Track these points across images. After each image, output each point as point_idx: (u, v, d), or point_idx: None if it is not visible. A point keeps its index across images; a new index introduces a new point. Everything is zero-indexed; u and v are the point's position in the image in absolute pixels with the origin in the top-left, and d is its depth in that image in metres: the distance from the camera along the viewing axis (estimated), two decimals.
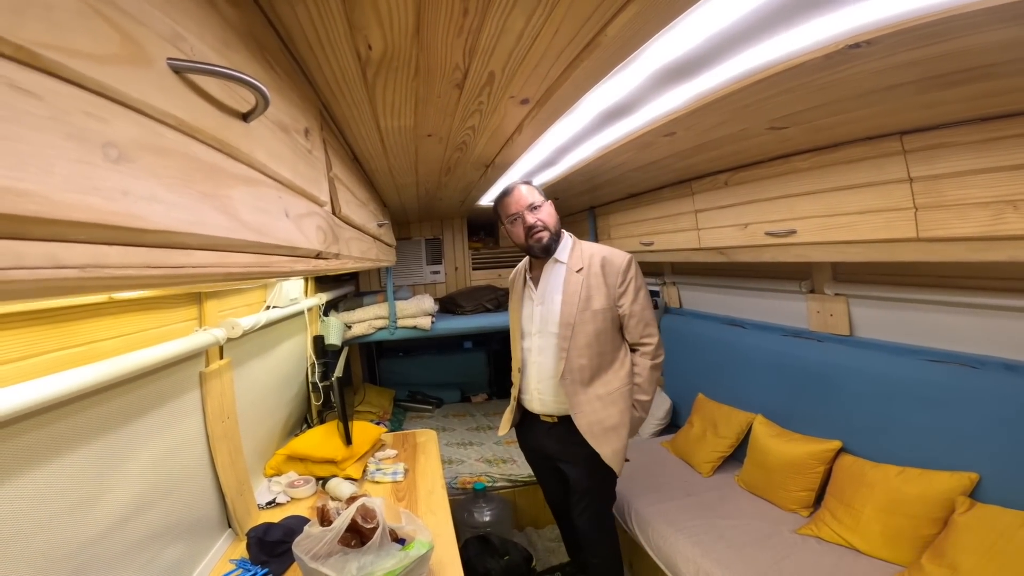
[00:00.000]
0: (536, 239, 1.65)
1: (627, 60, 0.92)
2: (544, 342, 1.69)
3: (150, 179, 0.29)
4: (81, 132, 0.25)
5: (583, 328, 1.62)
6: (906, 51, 0.85)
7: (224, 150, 0.41)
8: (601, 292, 1.64)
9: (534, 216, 1.64)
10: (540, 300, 1.71)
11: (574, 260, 1.68)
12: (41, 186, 0.21)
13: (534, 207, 1.65)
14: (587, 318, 1.62)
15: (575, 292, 1.64)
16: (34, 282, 0.21)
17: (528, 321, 1.75)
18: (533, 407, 1.76)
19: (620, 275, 1.66)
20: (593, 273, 1.66)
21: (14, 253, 0.20)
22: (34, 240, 0.21)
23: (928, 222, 1.27)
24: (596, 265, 1.66)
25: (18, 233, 0.20)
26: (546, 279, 1.72)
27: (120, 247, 0.26)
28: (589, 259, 1.68)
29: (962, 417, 1.49)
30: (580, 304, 1.62)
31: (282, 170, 0.55)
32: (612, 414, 1.62)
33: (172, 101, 0.35)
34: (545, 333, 1.69)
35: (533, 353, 1.72)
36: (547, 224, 1.65)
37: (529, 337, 1.74)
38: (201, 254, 0.35)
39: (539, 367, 1.70)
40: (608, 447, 1.61)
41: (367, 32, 0.75)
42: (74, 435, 0.87)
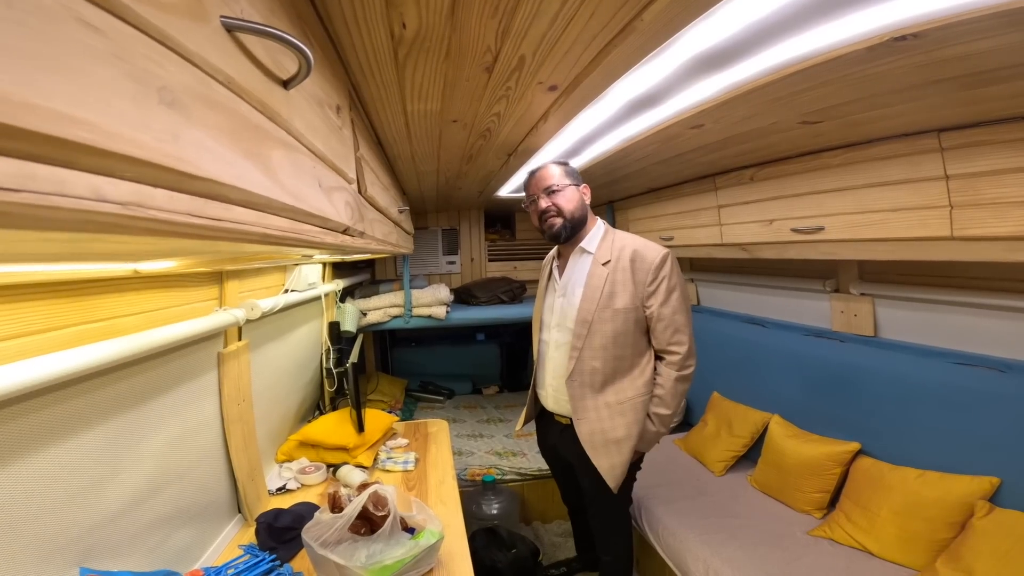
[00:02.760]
0: (547, 225, 1.54)
1: (661, 47, 0.90)
2: (561, 337, 1.58)
3: (200, 128, 0.28)
4: (140, 73, 0.25)
5: (600, 327, 1.48)
6: (953, 46, 0.83)
7: (266, 113, 0.41)
8: (626, 289, 1.48)
9: (548, 200, 1.52)
10: (562, 291, 1.60)
11: (602, 251, 1.54)
12: (95, 116, 0.20)
13: (552, 190, 1.52)
14: (606, 317, 1.48)
15: (597, 287, 1.50)
16: (74, 211, 0.20)
17: (548, 312, 1.64)
18: (548, 404, 1.67)
19: (651, 272, 1.48)
20: (620, 267, 1.50)
21: (58, 179, 0.19)
22: (80, 170, 0.20)
23: (963, 220, 1.24)
24: (625, 259, 1.50)
25: (66, 161, 0.20)
26: (571, 269, 1.59)
27: (166, 191, 0.26)
28: (619, 251, 1.52)
29: (986, 421, 1.47)
30: (601, 300, 1.48)
31: (316, 141, 0.55)
32: (618, 425, 1.49)
33: (223, 58, 0.34)
34: (563, 328, 1.58)
35: (550, 348, 1.62)
36: (562, 209, 1.51)
37: (547, 330, 1.64)
38: (241, 210, 0.34)
39: (554, 363, 1.60)
40: (606, 460, 1.49)
41: (403, 9, 0.74)
42: (91, 413, 0.87)
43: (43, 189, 0.18)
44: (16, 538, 0.72)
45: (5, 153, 0.17)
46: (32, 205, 0.18)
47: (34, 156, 0.18)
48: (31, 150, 0.18)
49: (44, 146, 0.18)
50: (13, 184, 0.17)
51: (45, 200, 0.18)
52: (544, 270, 1.77)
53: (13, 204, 0.17)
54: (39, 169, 0.18)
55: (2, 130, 0.16)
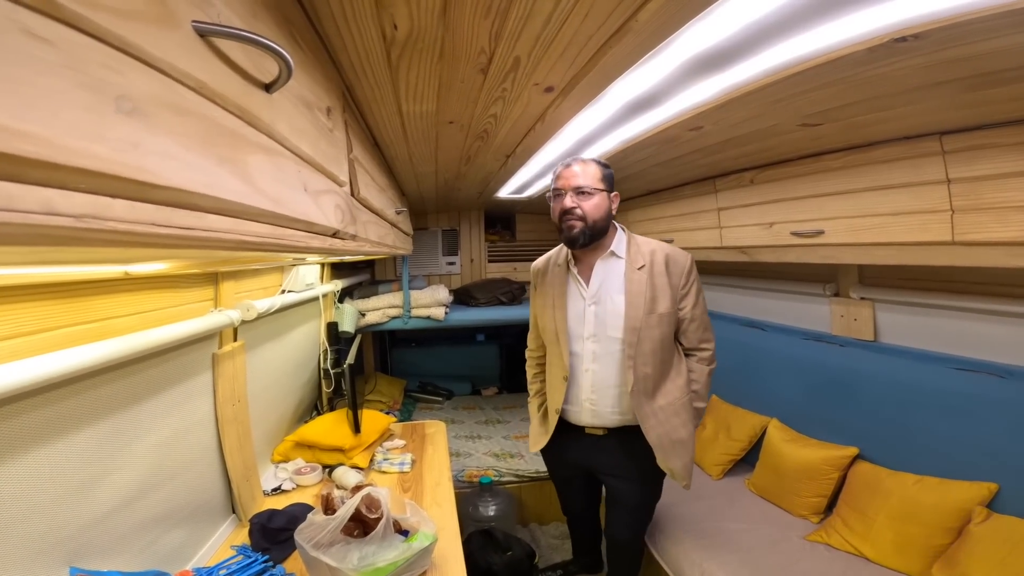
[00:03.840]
0: (567, 226, 1.45)
1: (657, 48, 0.89)
2: (602, 348, 1.49)
3: (164, 135, 0.28)
4: (94, 82, 0.24)
5: (649, 334, 1.44)
6: (955, 47, 0.82)
7: (244, 118, 0.40)
8: (666, 294, 1.47)
9: (575, 200, 1.44)
10: (595, 299, 1.50)
11: (632, 256, 1.50)
12: (43, 129, 0.19)
13: (581, 191, 1.44)
14: (653, 323, 1.44)
15: (640, 292, 1.45)
16: (24, 227, 0.19)
17: (577, 322, 1.52)
18: (581, 419, 1.57)
19: (684, 275, 1.50)
20: (657, 272, 1.47)
21: (6, 195, 0.19)
22: (30, 184, 0.20)
23: (965, 225, 1.23)
24: (660, 263, 1.48)
25: (13, 175, 0.19)
26: (601, 275, 1.51)
27: (126, 201, 0.25)
28: (650, 256, 1.49)
29: (985, 427, 1.46)
30: (646, 306, 1.44)
31: (302, 144, 0.54)
32: (677, 425, 1.48)
33: (195, 63, 0.34)
34: (603, 338, 1.49)
35: (585, 360, 1.52)
36: (586, 215, 1.44)
37: (579, 341, 1.52)
38: (214, 218, 0.34)
39: (594, 375, 1.51)
40: (678, 460, 1.49)
41: (394, 10, 0.73)
42: (83, 413, 0.87)
43: None
44: (4, 538, 0.71)
45: None
46: None
47: None
48: None
49: None
50: None
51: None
52: (546, 276, 1.64)
53: None
54: None
55: None
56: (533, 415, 1.73)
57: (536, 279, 1.69)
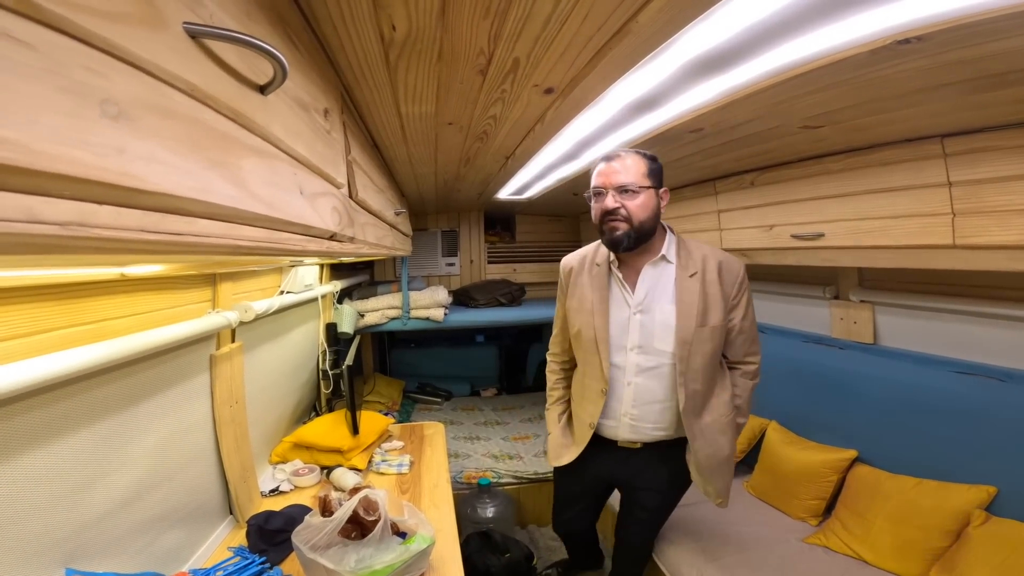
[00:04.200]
0: (609, 228, 1.32)
1: (658, 50, 0.88)
2: (647, 361, 1.37)
3: (152, 139, 0.27)
4: (77, 86, 0.23)
5: (700, 348, 1.33)
6: (958, 49, 0.81)
7: (238, 120, 0.40)
8: (718, 304, 1.35)
9: (618, 200, 1.30)
10: (641, 307, 1.37)
11: (683, 261, 1.37)
12: (22, 135, 0.19)
13: (625, 190, 1.29)
14: (705, 336, 1.33)
15: (692, 303, 1.33)
16: (5, 236, 0.19)
17: (620, 332, 1.39)
18: (617, 434, 1.46)
19: (737, 285, 1.39)
20: (710, 280, 1.36)
21: None
22: (10, 191, 0.19)
23: (966, 228, 1.22)
24: (712, 271, 1.36)
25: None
26: (648, 281, 1.38)
27: (112, 207, 0.24)
28: (702, 262, 1.37)
29: (985, 430, 1.46)
30: (698, 318, 1.32)
31: (298, 147, 0.53)
32: (723, 444, 1.40)
33: (185, 65, 0.33)
34: (650, 350, 1.37)
35: (627, 372, 1.39)
36: (631, 215, 1.29)
37: (621, 352, 1.39)
38: (205, 223, 0.33)
39: (637, 390, 1.39)
40: (722, 481, 1.42)
41: (391, 11, 0.72)
42: (79, 415, 0.86)
43: None
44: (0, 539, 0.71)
45: None
46: None
47: None
48: None
49: None
50: None
51: None
52: (582, 276, 1.49)
53: None
54: None
55: None
56: (552, 424, 1.60)
57: (568, 278, 1.53)
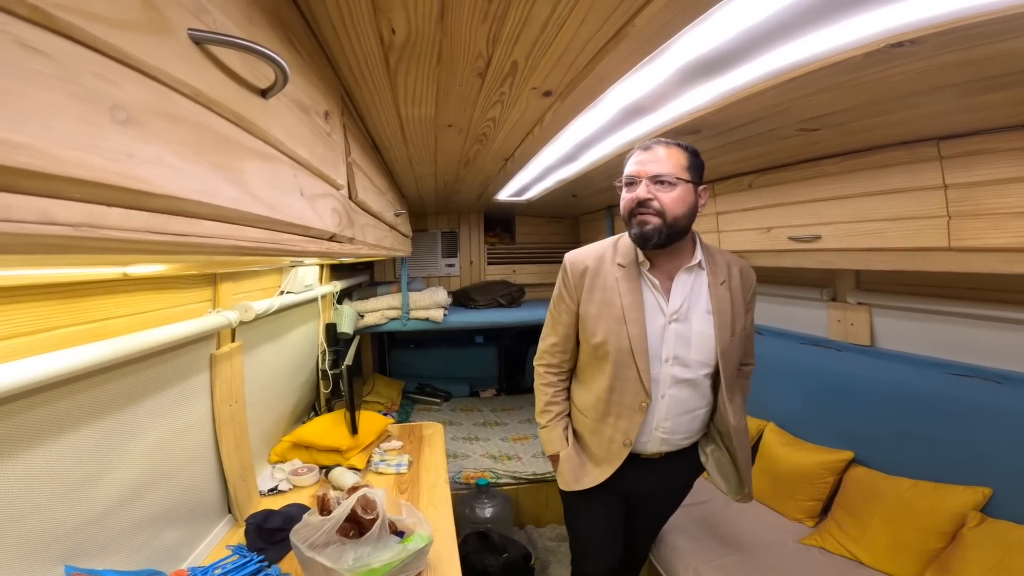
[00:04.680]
0: (638, 220, 1.20)
1: (654, 53, 0.89)
2: (683, 372, 1.28)
3: (159, 144, 0.28)
4: (88, 92, 0.24)
5: (731, 357, 1.30)
6: (953, 51, 0.82)
7: (240, 124, 0.41)
8: (741, 312, 1.33)
9: (651, 191, 1.18)
10: (678, 315, 1.27)
11: (713, 268, 1.31)
12: (37, 140, 0.20)
13: (661, 181, 1.18)
14: (735, 345, 1.31)
15: (727, 312, 1.29)
16: (21, 236, 0.20)
17: (656, 342, 1.27)
18: (646, 449, 1.34)
19: (752, 291, 1.38)
20: (735, 288, 1.33)
21: (3, 205, 0.19)
22: (26, 194, 0.20)
23: (961, 231, 1.23)
24: (736, 278, 1.34)
25: (9, 186, 0.19)
26: (683, 288, 1.28)
27: (121, 209, 0.25)
28: (727, 269, 1.33)
29: (981, 432, 1.47)
30: (731, 327, 1.29)
31: (299, 149, 0.54)
32: (745, 445, 1.38)
33: (190, 71, 0.34)
34: (687, 361, 1.28)
35: (661, 385, 1.28)
36: (665, 209, 1.18)
37: (657, 363, 1.28)
38: (209, 224, 0.34)
39: (671, 401, 1.29)
40: (750, 476, 1.39)
41: (391, 15, 0.73)
42: (80, 413, 0.87)
43: None
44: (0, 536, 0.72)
45: None
46: None
47: None
48: None
49: None
50: None
51: None
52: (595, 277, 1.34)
53: None
54: None
55: None
56: (558, 443, 1.42)
57: (580, 279, 1.35)
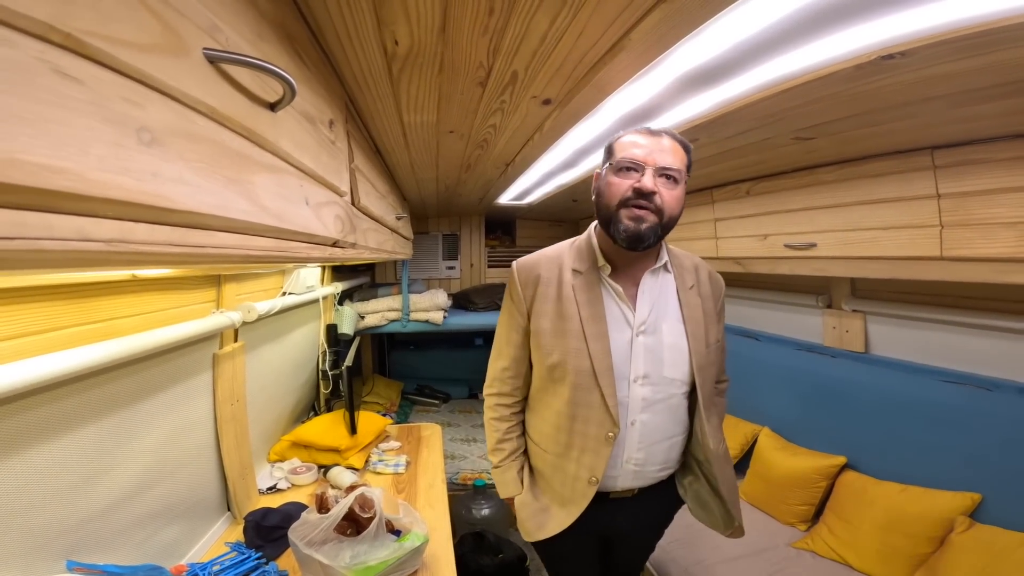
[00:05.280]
0: (634, 216, 1.01)
1: (651, 64, 0.92)
2: (655, 393, 1.09)
3: (179, 163, 0.30)
4: (118, 116, 0.26)
5: (709, 372, 1.14)
6: (943, 63, 0.83)
7: (251, 138, 0.43)
8: (713, 320, 1.18)
9: (656, 183, 1.01)
10: (645, 326, 1.09)
11: (680, 271, 1.16)
12: (76, 165, 0.22)
13: (668, 175, 1.02)
14: (712, 359, 1.15)
15: (699, 320, 1.13)
16: (62, 252, 0.22)
17: (622, 359, 1.08)
18: (616, 485, 1.14)
19: (721, 299, 1.23)
20: (705, 294, 1.17)
21: (46, 225, 0.21)
22: (65, 214, 0.22)
23: (953, 241, 1.25)
24: (705, 282, 1.19)
25: (51, 207, 0.22)
26: (652, 295, 1.11)
27: (147, 225, 0.28)
28: (695, 272, 1.18)
29: (972, 438, 1.49)
30: (705, 338, 1.13)
31: (305, 159, 0.57)
32: (729, 472, 1.20)
33: (206, 89, 0.36)
34: (658, 380, 1.09)
35: (632, 409, 1.09)
36: (665, 207, 1.02)
37: (624, 384, 1.08)
38: (223, 235, 0.36)
39: (643, 428, 1.10)
40: (738, 510, 1.21)
41: (395, 28, 0.76)
42: (87, 411, 0.89)
43: (33, 235, 0.20)
44: (4, 530, 0.73)
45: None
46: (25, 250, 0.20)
47: (23, 205, 0.20)
48: (20, 201, 0.20)
49: (31, 196, 0.20)
50: (7, 233, 0.19)
51: (35, 244, 0.21)
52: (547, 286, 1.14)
53: (8, 251, 0.19)
54: (28, 216, 0.20)
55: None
56: (513, 486, 1.21)
57: (532, 288, 1.15)
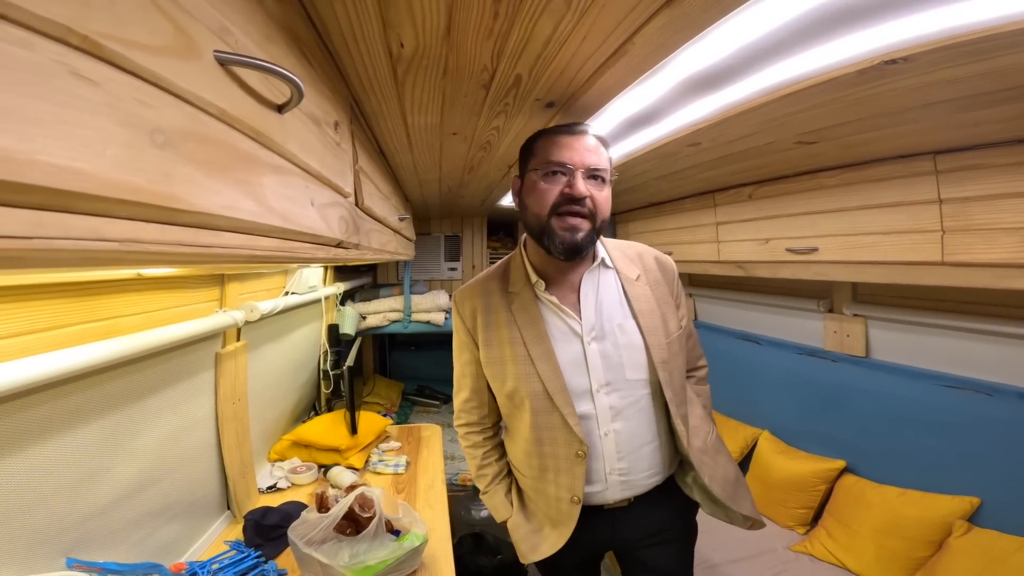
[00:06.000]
0: (569, 226, 0.97)
1: (654, 69, 0.92)
2: (622, 399, 1.04)
3: (190, 164, 0.31)
4: (132, 118, 0.27)
5: (675, 362, 1.08)
6: (945, 68, 0.84)
7: (259, 140, 0.43)
8: (671, 308, 1.12)
9: (587, 187, 0.96)
10: (593, 332, 1.04)
11: (622, 264, 1.11)
12: (92, 166, 0.23)
13: (597, 176, 0.98)
14: (675, 347, 1.08)
15: (652, 312, 1.07)
16: (77, 252, 0.23)
17: (577, 372, 1.04)
18: (606, 497, 1.08)
19: (676, 282, 1.17)
20: (654, 281, 1.12)
21: (62, 224, 0.22)
22: (80, 214, 0.23)
23: (954, 246, 1.25)
24: (654, 269, 1.13)
25: (67, 207, 0.22)
26: (592, 296, 1.06)
27: (157, 225, 0.28)
28: (640, 260, 1.14)
29: (971, 442, 1.50)
30: (663, 327, 1.07)
31: (311, 160, 0.57)
32: (723, 463, 1.15)
33: (216, 92, 0.37)
34: (622, 384, 1.04)
35: (602, 421, 1.04)
36: (598, 211, 0.98)
37: (585, 398, 1.04)
38: (229, 236, 0.37)
39: (619, 437, 1.05)
40: (748, 503, 1.15)
41: (400, 30, 0.76)
42: (90, 409, 0.90)
43: (50, 234, 0.21)
44: (5, 528, 0.74)
45: (17, 205, 0.19)
46: (42, 249, 0.21)
47: (40, 206, 0.21)
48: (38, 201, 0.20)
49: (48, 197, 0.21)
50: (25, 232, 0.20)
51: (52, 244, 0.21)
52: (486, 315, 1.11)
53: (26, 250, 0.20)
54: (45, 217, 0.21)
55: (13, 187, 0.19)
56: (503, 509, 1.19)
57: (472, 320, 1.14)
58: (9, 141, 0.19)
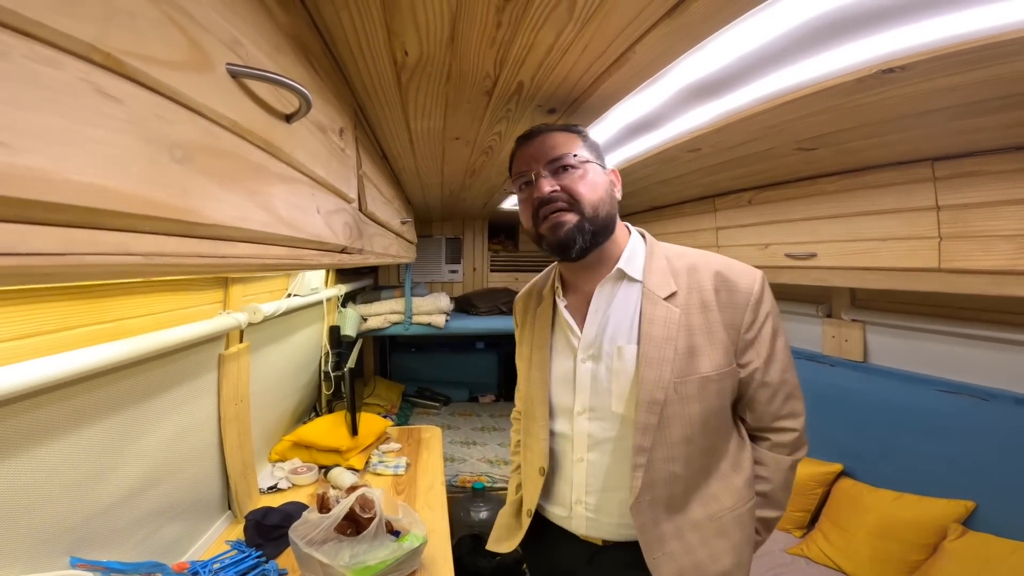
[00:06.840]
0: (550, 226, 0.89)
1: (654, 77, 0.93)
2: (603, 430, 0.92)
3: (206, 177, 0.32)
4: (153, 135, 0.28)
5: (681, 410, 0.87)
6: (943, 76, 0.85)
7: (269, 150, 0.44)
8: (718, 340, 0.89)
9: (553, 183, 0.89)
10: (589, 349, 0.94)
11: (655, 276, 0.93)
12: (120, 183, 0.24)
13: (562, 166, 0.89)
14: (690, 391, 0.87)
15: (668, 339, 0.87)
16: (106, 266, 0.24)
17: (564, 388, 0.97)
18: (573, 526, 0.98)
19: (751, 308, 0.90)
20: (699, 303, 0.90)
21: (92, 241, 0.23)
22: (109, 230, 0.24)
23: (951, 252, 1.26)
24: (707, 288, 0.91)
25: (97, 223, 0.23)
26: (602, 310, 0.94)
27: (177, 238, 0.29)
28: (687, 275, 0.92)
29: (967, 447, 1.51)
30: (679, 364, 0.87)
31: (317, 168, 0.58)
32: (721, 552, 0.89)
33: (228, 104, 0.38)
34: (606, 415, 0.92)
35: (576, 446, 0.95)
36: (579, 197, 0.88)
37: (565, 417, 0.96)
38: (243, 246, 0.38)
39: (591, 470, 0.94)
40: None
41: (404, 39, 0.78)
42: (95, 409, 0.90)
43: (81, 250, 0.22)
44: (10, 528, 0.75)
45: (50, 223, 0.20)
46: (73, 265, 0.22)
47: (72, 223, 0.22)
48: (70, 219, 0.21)
49: (80, 215, 0.22)
50: (59, 249, 0.21)
51: (82, 260, 0.22)
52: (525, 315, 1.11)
53: (58, 266, 0.21)
54: (77, 234, 0.22)
55: (47, 207, 0.20)
56: (509, 494, 1.16)
57: (519, 318, 1.15)
58: (43, 162, 0.20)
